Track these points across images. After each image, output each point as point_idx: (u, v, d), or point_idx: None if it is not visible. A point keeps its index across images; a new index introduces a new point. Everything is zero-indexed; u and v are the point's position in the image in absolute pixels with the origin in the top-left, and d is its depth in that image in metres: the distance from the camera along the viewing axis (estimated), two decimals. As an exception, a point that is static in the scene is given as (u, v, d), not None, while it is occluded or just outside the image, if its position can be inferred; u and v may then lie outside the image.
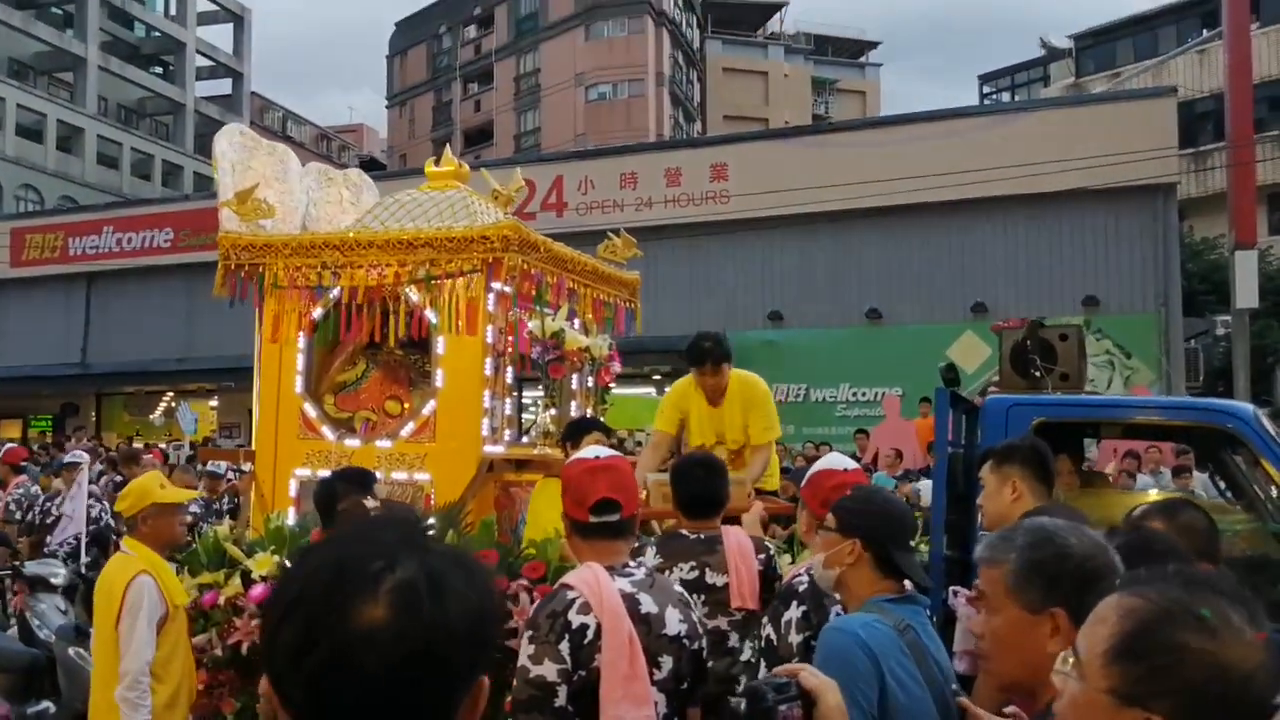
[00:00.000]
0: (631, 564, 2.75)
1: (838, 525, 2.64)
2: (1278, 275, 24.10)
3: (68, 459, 9.88)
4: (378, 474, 4.61)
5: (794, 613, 2.98)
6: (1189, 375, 17.81)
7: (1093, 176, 16.37)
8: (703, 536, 3.69)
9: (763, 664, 3.05)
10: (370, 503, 4.10)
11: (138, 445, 17.11)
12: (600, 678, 2.49)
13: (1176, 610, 1.25)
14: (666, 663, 2.64)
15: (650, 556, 3.63)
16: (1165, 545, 2.35)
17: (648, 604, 2.64)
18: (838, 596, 2.71)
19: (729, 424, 5.36)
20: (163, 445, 17.42)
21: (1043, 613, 1.86)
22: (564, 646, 2.50)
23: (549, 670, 2.49)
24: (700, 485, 3.78)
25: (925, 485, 8.48)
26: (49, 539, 8.15)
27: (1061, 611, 1.83)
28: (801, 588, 3.00)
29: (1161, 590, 1.29)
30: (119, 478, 11.25)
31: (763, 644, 3.08)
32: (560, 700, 2.49)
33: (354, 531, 1.19)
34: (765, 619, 3.12)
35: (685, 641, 2.71)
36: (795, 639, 2.93)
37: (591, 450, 2.80)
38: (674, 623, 2.69)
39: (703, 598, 3.55)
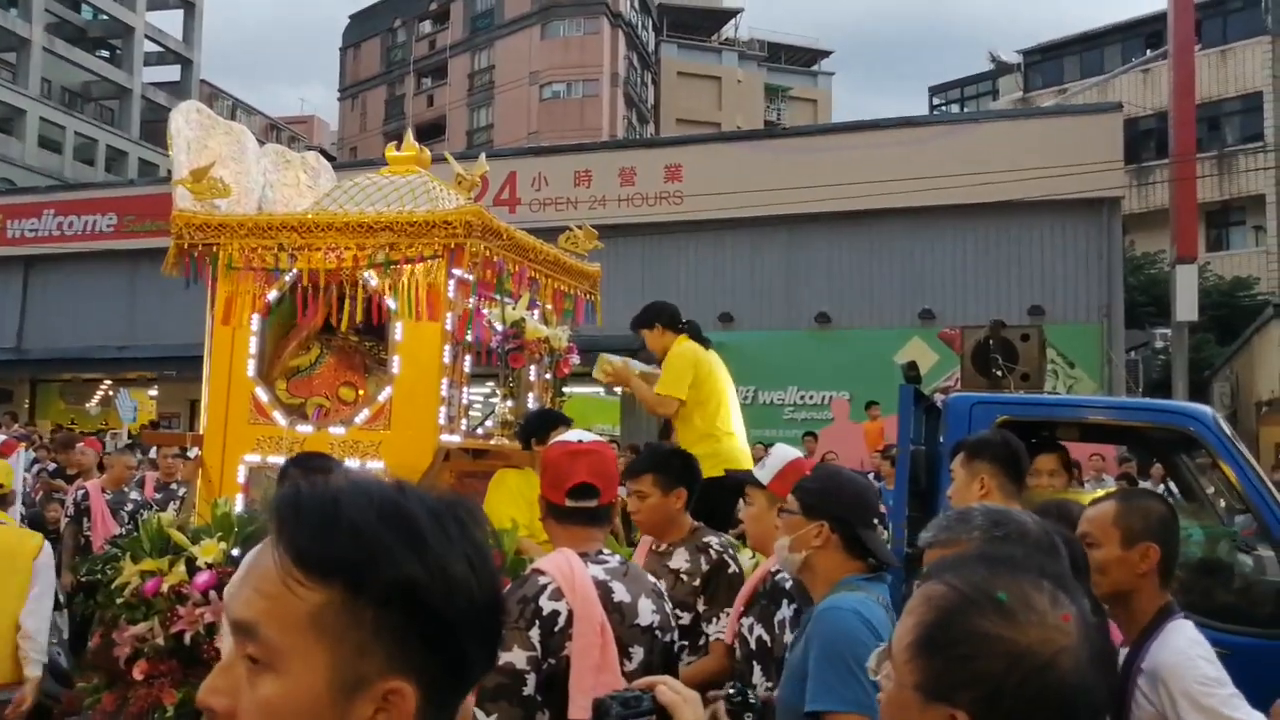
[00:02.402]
0: (605, 552, 2.67)
1: (802, 508, 2.58)
2: (1214, 290, 24.67)
3: None
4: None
5: (786, 612, 2.93)
6: (1129, 386, 18.15)
7: (1040, 188, 16.60)
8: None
9: (756, 666, 2.99)
10: None
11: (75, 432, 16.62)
12: (570, 667, 2.41)
13: (976, 595, 1.15)
14: (637, 653, 2.57)
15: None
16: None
17: (620, 592, 2.57)
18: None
19: None
20: (94, 434, 16.94)
21: None
22: (534, 633, 2.41)
23: (518, 657, 2.39)
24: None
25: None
26: None
27: None
28: (788, 585, 2.94)
29: (964, 575, 1.19)
30: (52, 465, 10.94)
31: (753, 646, 3.02)
32: (529, 689, 2.39)
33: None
34: (753, 620, 3.05)
35: (657, 633, 2.65)
36: (791, 638, 2.87)
37: (574, 434, 2.73)
38: (647, 613, 2.62)
39: None
